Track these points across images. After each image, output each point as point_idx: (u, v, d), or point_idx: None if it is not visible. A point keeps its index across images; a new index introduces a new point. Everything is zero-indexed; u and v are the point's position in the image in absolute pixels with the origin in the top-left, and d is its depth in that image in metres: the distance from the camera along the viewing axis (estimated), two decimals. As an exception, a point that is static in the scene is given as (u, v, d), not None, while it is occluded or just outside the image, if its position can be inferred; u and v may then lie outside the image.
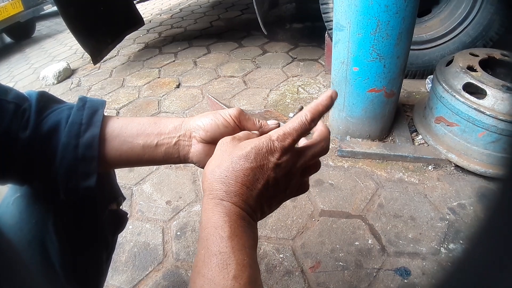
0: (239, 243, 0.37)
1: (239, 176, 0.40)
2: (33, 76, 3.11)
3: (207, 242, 0.37)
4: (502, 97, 1.08)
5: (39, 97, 0.46)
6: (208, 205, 0.39)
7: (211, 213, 0.38)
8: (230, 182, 0.40)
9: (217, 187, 0.40)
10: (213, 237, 0.37)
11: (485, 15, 1.57)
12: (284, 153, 0.41)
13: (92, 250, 0.61)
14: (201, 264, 0.36)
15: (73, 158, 0.44)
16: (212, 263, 0.35)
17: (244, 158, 0.40)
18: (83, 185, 0.45)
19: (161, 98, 2.17)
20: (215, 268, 0.34)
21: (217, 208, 0.39)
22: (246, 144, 0.42)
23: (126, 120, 0.49)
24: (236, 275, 0.34)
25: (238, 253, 0.36)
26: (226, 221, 0.38)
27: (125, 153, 0.47)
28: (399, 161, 1.34)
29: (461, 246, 1.01)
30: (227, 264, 0.35)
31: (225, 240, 0.36)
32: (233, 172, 0.40)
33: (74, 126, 0.44)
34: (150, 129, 0.48)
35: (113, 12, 2.68)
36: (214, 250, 0.35)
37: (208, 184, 0.41)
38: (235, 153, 0.41)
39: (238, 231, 0.38)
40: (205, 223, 0.38)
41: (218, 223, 0.37)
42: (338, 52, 1.27)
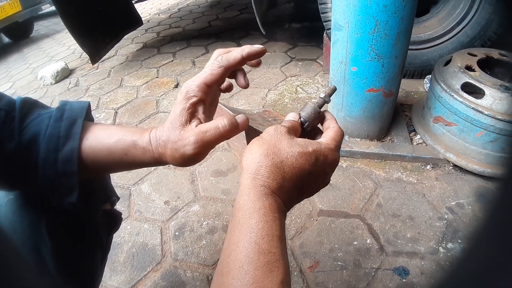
0: (285, 245, 0.35)
1: (295, 174, 0.38)
2: (31, 76, 3.10)
3: (254, 235, 0.33)
4: (500, 96, 1.08)
5: (22, 104, 0.45)
6: (255, 190, 0.36)
7: (260, 203, 0.36)
8: (286, 177, 0.38)
9: (272, 176, 0.37)
10: (263, 231, 0.34)
11: (483, 15, 1.57)
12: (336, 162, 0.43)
13: (86, 251, 0.61)
14: (245, 258, 0.32)
15: (53, 173, 0.43)
16: (260, 262, 0.32)
17: (305, 158, 0.39)
18: (66, 201, 0.45)
19: (159, 98, 2.16)
20: (263, 269, 0.32)
21: (268, 200, 0.36)
22: (306, 144, 0.40)
23: (102, 127, 0.47)
24: (283, 280, 0.32)
25: (285, 256, 0.34)
26: (277, 218, 0.35)
27: (107, 163, 0.46)
28: (397, 161, 1.34)
29: (460, 245, 1.01)
30: (276, 267, 0.32)
31: (276, 240, 0.34)
32: (291, 167, 0.38)
33: (52, 139, 0.43)
34: (129, 138, 0.45)
35: (111, 12, 2.68)
36: (263, 248, 0.33)
37: (257, 165, 0.38)
38: (296, 149, 0.39)
39: (284, 231, 0.36)
40: (251, 210, 0.35)
41: (269, 217, 0.35)
42: (336, 52, 1.27)
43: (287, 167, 0.38)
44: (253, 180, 0.37)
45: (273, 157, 0.38)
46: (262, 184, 0.37)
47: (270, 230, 0.34)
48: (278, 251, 0.33)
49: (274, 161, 0.38)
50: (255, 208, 0.35)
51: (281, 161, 0.38)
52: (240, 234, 0.34)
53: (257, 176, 0.37)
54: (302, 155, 0.39)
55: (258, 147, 0.39)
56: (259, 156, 0.38)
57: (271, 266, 0.32)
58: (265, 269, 0.31)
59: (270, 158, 0.38)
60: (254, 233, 0.33)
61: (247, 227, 0.34)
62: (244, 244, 0.33)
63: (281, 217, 0.36)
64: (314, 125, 0.48)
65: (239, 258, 0.32)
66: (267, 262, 0.32)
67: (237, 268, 0.32)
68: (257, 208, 0.35)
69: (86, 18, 2.43)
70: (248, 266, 0.32)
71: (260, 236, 0.33)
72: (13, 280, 0.29)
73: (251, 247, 0.33)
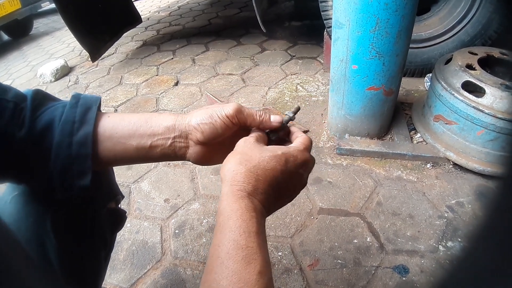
0: (263, 240, 0.38)
1: (269, 176, 0.42)
2: (31, 74, 3.09)
3: (233, 233, 0.37)
4: (500, 95, 1.08)
5: (34, 95, 0.45)
6: (233, 195, 0.40)
7: (237, 205, 0.39)
8: (259, 179, 0.41)
9: (246, 180, 0.41)
10: (241, 229, 0.37)
11: (484, 14, 1.57)
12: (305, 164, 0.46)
13: (91, 249, 0.61)
14: (225, 255, 0.35)
15: (67, 156, 0.43)
16: (238, 256, 0.35)
17: (276, 160, 0.43)
18: (78, 184, 0.44)
19: (159, 96, 2.16)
20: (241, 262, 0.34)
21: (244, 201, 0.39)
22: (275, 148, 0.45)
23: (117, 119, 0.48)
24: (261, 271, 0.35)
25: (264, 250, 0.37)
26: (253, 216, 0.38)
27: (119, 153, 0.47)
28: (397, 159, 1.34)
29: (460, 244, 1.01)
30: (253, 259, 0.35)
31: (253, 235, 0.37)
32: (264, 170, 0.42)
33: (67, 124, 0.44)
34: (143, 129, 0.47)
35: (111, 10, 2.67)
36: (241, 243, 0.36)
37: (233, 174, 0.41)
38: (266, 154, 0.43)
39: (262, 228, 0.39)
40: (229, 213, 0.38)
41: (245, 216, 0.38)
42: (337, 50, 1.27)
43: (260, 170, 0.42)
44: (230, 186, 0.41)
45: (246, 163, 0.42)
46: (238, 188, 0.40)
47: (246, 228, 0.37)
48: (255, 245, 0.36)
49: (247, 167, 0.41)
50: (233, 210, 0.38)
51: (254, 166, 0.42)
52: (221, 235, 0.37)
53: (233, 183, 0.41)
54: (272, 158, 0.43)
55: (232, 158, 0.44)
56: (234, 165, 0.42)
57: (249, 259, 0.35)
58: (243, 262, 0.34)
59: (243, 165, 0.42)
60: (232, 232, 0.37)
61: (226, 227, 0.37)
62: (224, 243, 0.36)
63: (258, 216, 0.39)
64: (280, 136, 0.53)
65: (221, 256, 0.36)
66: (244, 255, 0.35)
67: (219, 264, 0.35)
68: (234, 210, 0.38)
69: (86, 15, 2.42)
70: (227, 262, 0.35)
71: (238, 234, 0.36)
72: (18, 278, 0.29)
73: (230, 244, 0.36)
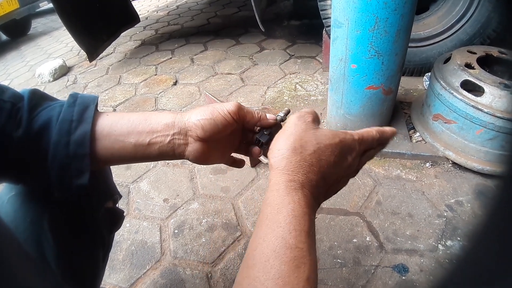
0: (313, 241, 0.35)
1: (322, 166, 0.38)
2: (29, 74, 3.08)
3: (282, 230, 0.33)
4: (499, 94, 1.08)
5: (31, 95, 0.45)
6: (285, 186, 0.36)
7: (289, 197, 0.35)
8: (314, 169, 0.38)
9: (301, 170, 0.37)
10: (291, 226, 0.33)
11: (482, 13, 1.57)
12: (360, 155, 0.45)
13: (88, 249, 0.61)
14: (271, 252, 0.32)
15: (64, 155, 0.43)
16: (286, 257, 0.31)
17: (331, 150, 0.39)
18: (76, 183, 0.44)
19: (158, 96, 2.16)
20: (289, 264, 0.31)
21: (297, 195, 0.36)
22: (333, 134, 0.41)
23: (115, 117, 0.47)
24: (309, 277, 0.31)
25: (313, 252, 0.34)
26: (306, 213, 0.35)
27: (117, 151, 0.46)
28: (396, 158, 1.34)
29: (459, 243, 1.01)
30: (302, 263, 0.32)
31: (304, 235, 0.33)
32: (318, 160, 0.38)
33: (64, 123, 0.43)
34: (141, 127, 0.46)
35: (109, 9, 2.66)
36: (291, 243, 0.32)
37: (286, 161, 0.38)
38: (323, 140, 0.40)
39: (313, 226, 0.36)
40: (279, 205, 0.35)
41: (297, 212, 0.34)
42: (336, 49, 1.27)
43: (315, 159, 0.38)
44: (282, 175, 0.37)
45: (301, 151, 0.38)
46: (291, 179, 0.37)
47: (298, 225, 0.33)
48: (305, 246, 0.32)
49: (303, 155, 0.38)
50: (284, 203, 0.35)
51: (309, 154, 0.38)
52: (267, 228, 0.34)
53: (287, 172, 0.37)
54: (328, 147, 0.39)
55: (285, 141, 0.39)
56: (286, 151, 0.38)
57: (297, 262, 0.31)
58: (292, 264, 0.31)
59: (298, 152, 0.38)
60: (281, 228, 0.33)
61: (274, 221, 0.34)
62: (271, 239, 0.33)
63: (310, 212, 0.36)
64: (273, 132, 0.51)
65: (265, 252, 0.32)
66: (293, 257, 0.31)
67: (263, 261, 0.32)
68: (285, 203, 0.35)
69: (84, 15, 2.41)
70: (274, 261, 0.31)
71: (287, 231, 0.33)
72: (15, 278, 0.29)
73: (278, 241, 0.32)
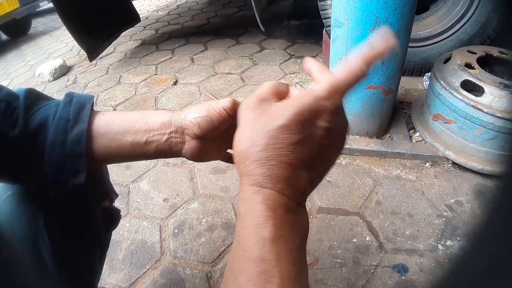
0: (285, 247, 0.30)
1: (283, 155, 0.31)
2: (29, 73, 3.08)
3: (245, 241, 0.30)
4: (499, 94, 1.08)
5: (27, 94, 0.45)
6: (246, 192, 0.32)
7: (251, 205, 0.31)
8: (272, 163, 0.31)
9: (257, 170, 0.31)
10: (254, 237, 0.30)
11: (482, 13, 1.57)
12: (334, 112, 0.33)
13: (85, 248, 0.61)
14: (238, 268, 0.30)
15: (61, 155, 0.43)
16: (252, 272, 0.29)
17: (287, 130, 0.31)
18: (72, 182, 0.44)
19: (158, 95, 2.16)
20: (256, 279, 0.28)
21: (257, 198, 0.31)
22: (284, 108, 0.32)
23: (112, 116, 0.47)
24: None
25: (284, 261, 0.29)
26: (269, 217, 0.30)
27: (114, 150, 0.46)
28: (396, 158, 1.34)
29: (459, 243, 1.01)
30: (270, 276, 0.28)
31: (268, 244, 0.29)
32: (274, 150, 0.31)
33: (61, 123, 0.43)
34: (138, 126, 0.46)
35: (109, 9, 2.66)
36: (255, 255, 0.29)
37: (243, 166, 0.33)
38: (273, 123, 0.32)
39: (284, 230, 0.31)
40: (244, 216, 0.31)
41: (259, 219, 0.30)
42: (336, 49, 1.27)
43: (270, 152, 0.31)
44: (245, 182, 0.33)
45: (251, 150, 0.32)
46: (251, 182, 0.32)
47: (260, 234, 0.30)
48: (273, 257, 0.29)
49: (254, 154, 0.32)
50: (247, 212, 0.31)
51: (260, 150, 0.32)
52: (235, 243, 0.32)
53: (246, 177, 0.33)
54: (282, 128, 0.31)
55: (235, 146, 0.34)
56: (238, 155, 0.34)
57: (265, 276, 0.28)
58: (258, 279, 0.28)
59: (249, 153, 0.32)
60: (244, 239, 0.31)
61: (239, 234, 0.31)
62: (238, 252, 0.31)
63: (281, 213, 0.31)
64: None
65: (234, 268, 0.30)
66: (260, 271, 0.28)
67: (232, 279, 0.30)
68: (249, 211, 0.31)
69: (84, 15, 2.41)
70: (241, 278, 0.29)
71: (250, 243, 0.30)
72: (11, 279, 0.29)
73: (241, 253, 0.30)
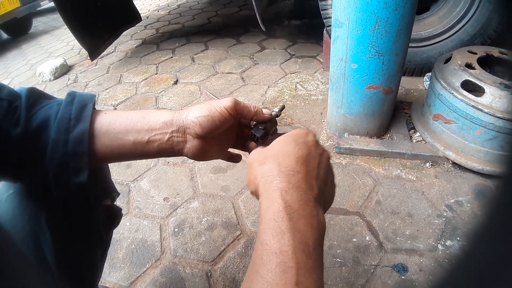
0: (302, 240, 0.33)
1: (295, 160, 0.41)
2: (30, 73, 3.09)
3: (265, 236, 0.33)
4: (500, 94, 1.08)
5: (29, 93, 0.45)
6: (267, 191, 0.37)
7: (269, 201, 0.35)
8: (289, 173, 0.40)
9: (277, 178, 0.39)
10: (273, 231, 0.33)
11: (483, 13, 1.57)
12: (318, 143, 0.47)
13: (86, 246, 0.61)
14: (259, 261, 0.32)
15: (63, 154, 0.43)
16: (272, 264, 0.31)
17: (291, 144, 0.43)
18: (74, 181, 0.44)
19: (158, 95, 2.16)
20: (275, 270, 0.30)
21: (274, 193, 0.35)
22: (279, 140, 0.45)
23: (113, 115, 0.47)
24: (298, 281, 0.30)
25: (301, 253, 0.32)
26: (286, 211, 0.34)
27: (116, 149, 0.46)
28: (396, 158, 1.35)
29: (458, 243, 1.01)
30: (289, 267, 0.30)
31: (286, 237, 0.32)
32: (284, 158, 0.41)
33: (63, 122, 0.44)
34: (140, 125, 0.47)
35: (110, 8, 2.67)
36: (274, 248, 0.32)
37: (267, 176, 0.40)
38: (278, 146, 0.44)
39: (300, 224, 0.34)
40: (264, 213, 0.35)
41: (277, 214, 0.34)
42: (336, 49, 1.27)
43: (283, 162, 0.40)
44: (265, 181, 0.39)
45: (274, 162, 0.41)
46: (271, 180, 0.38)
47: (279, 228, 0.33)
48: (290, 249, 0.32)
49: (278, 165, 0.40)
50: (267, 208, 0.36)
51: (280, 160, 0.41)
52: (257, 237, 0.35)
53: (269, 174, 0.40)
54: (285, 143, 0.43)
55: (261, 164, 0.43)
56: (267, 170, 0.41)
57: (284, 267, 0.31)
58: (277, 270, 0.31)
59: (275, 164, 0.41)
60: (264, 234, 0.34)
61: (261, 229, 0.35)
62: (258, 246, 0.33)
63: (298, 208, 0.35)
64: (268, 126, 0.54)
65: (256, 262, 0.33)
66: (279, 262, 0.31)
67: (254, 272, 0.32)
68: (268, 208, 0.35)
69: (85, 14, 2.41)
70: (262, 270, 0.31)
71: (270, 236, 0.33)
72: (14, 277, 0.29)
73: (262, 247, 0.33)
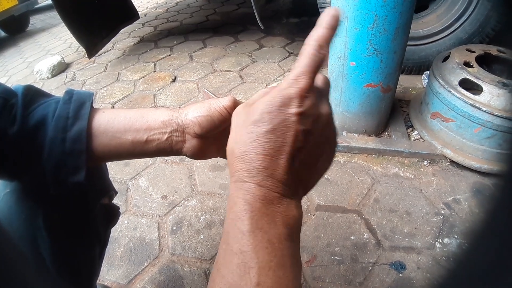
0: (263, 238, 0.30)
1: (258, 146, 0.32)
2: (27, 70, 3.07)
3: (228, 236, 0.32)
4: (498, 93, 1.08)
5: (25, 91, 0.44)
6: (231, 190, 0.34)
7: (233, 201, 0.33)
8: (250, 157, 0.32)
9: (238, 166, 0.33)
10: (233, 231, 0.31)
11: (481, 12, 1.57)
12: (303, 96, 0.32)
13: (84, 245, 0.61)
14: (222, 261, 0.31)
15: (60, 152, 0.43)
16: (233, 264, 0.30)
17: (259, 123, 0.32)
18: (72, 180, 0.44)
19: (156, 93, 2.15)
20: (236, 271, 0.29)
21: (238, 194, 0.32)
22: (256, 106, 0.33)
23: (112, 114, 0.47)
24: (259, 281, 0.29)
25: (263, 252, 0.30)
26: (246, 210, 0.31)
27: (114, 148, 0.46)
28: (395, 156, 1.35)
29: (456, 241, 1.01)
30: (249, 267, 0.29)
31: (246, 236, 0.30)
32: (250, 143, 0.32)
33: (60, 120, 0.43)
34: (138, 124, 0.46)
35: (108, 6, 2.65)
36: (234, 248, 0.30)
37: (230, 167, 0.34)
38: (248, 121, 0.33)
39: (262, 222, 0.31)
40: (227, 213, 0.33)
41: (238, 213, 0.31)
42: (335, 47, 1.27)
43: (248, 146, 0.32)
44: (231, 182, 0.34)
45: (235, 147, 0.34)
46: (235, 180, 0.33)
47: (239, 228, 0.31)
48: (250, 249, 0.30)
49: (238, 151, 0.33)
50: (230, 209, 0.33)
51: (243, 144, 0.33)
52: (222, 238, 0.33)
53: (233, 175, 0.34)
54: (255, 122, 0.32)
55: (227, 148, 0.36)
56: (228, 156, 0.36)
57: (244, 267, 0.29)
58: (238, 271, 0.29)
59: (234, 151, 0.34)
60: (226, 234, 0.32)
61: (224, 230, 0.33)
62: (222, 246, 0.32)
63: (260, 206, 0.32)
64: None
65: (219, 262, 0.32)
66: (239, 263, 0.29)
67: (217, 270, 0.31)
68: (231, 208, 0.33)
69: (83, 11, 2.40)
70: (223, 270, 0.30)
71: (231, 237, 0.31)
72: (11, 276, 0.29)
73: (225, 247, 0.31)
